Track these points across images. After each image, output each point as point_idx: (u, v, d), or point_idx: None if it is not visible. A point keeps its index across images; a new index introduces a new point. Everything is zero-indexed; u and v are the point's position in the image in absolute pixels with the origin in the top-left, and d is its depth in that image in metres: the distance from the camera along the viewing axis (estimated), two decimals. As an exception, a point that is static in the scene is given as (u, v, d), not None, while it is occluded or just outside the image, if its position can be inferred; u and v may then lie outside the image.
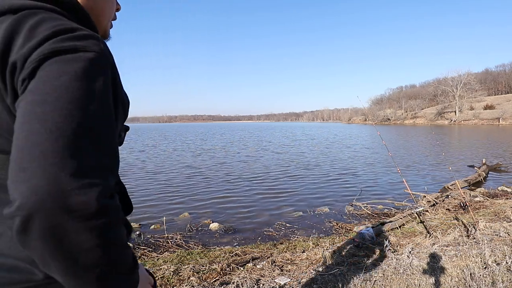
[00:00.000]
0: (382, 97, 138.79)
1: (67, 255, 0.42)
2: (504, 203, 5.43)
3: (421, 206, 5.18)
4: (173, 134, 42.60)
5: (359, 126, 72.23)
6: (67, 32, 0.50)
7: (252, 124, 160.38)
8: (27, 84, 0.47)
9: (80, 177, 0.43)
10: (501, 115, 63.59)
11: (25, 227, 0.41)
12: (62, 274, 0.44)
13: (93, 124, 0.47)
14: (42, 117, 0.43)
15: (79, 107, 0.45)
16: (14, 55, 0.48)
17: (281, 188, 7.95)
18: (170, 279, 2.86)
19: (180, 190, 7.83)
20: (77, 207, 0.41)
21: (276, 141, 26.18)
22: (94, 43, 0.51)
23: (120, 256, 0.48)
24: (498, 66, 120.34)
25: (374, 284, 2.59)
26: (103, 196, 0.44)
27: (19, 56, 0.48)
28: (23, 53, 0.48)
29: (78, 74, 0.47)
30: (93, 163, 0.45)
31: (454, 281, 2.55)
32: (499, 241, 3.39)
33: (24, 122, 0.44)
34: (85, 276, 0.45)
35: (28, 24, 0.50)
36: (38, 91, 0.45)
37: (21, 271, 0.54)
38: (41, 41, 0.48)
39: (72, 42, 0.49)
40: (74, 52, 0.48)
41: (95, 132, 0.47)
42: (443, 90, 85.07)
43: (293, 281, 2.75)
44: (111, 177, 0.49)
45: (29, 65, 0.47)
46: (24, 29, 0.50)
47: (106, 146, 0.49)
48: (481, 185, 7.91)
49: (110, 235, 0.45)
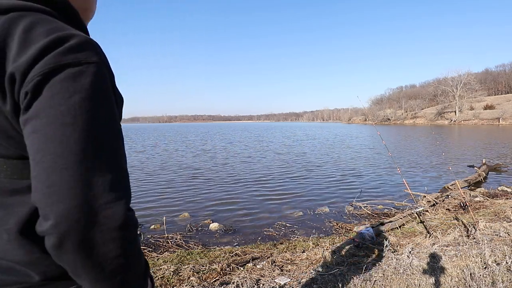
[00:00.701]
0: (382, 97, 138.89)
1: (96, 264, 0.48)
2: (504, 203, 5.44)
3: (421, 206, 5.18)
4: (173, 134, 42.60)
5: (359, 126, 72.23)
6: (64, 42, 0.50)
7: (252, 124, 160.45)
8: (31, 98, 0.48)
9: (107, 193, 0.48)
10: (501, 115, 63.59)
11: (60, 244, 0.46)
12: (91, 282, 0.49)
13: (111, 140, 0.51)
14: (65, 141, 0.47)
15: (96, 126, 0.49)
16: (10, 63, 0.48)
17: (281, 188, 7.95)
18: (170, 279, 2.86)
19: (180, 190, 7.83)
20: (105, 221, 0.47)
21: (277, 141, 26.18)
22: (93, 52, 0.52)
23: (138, 261, 0.53)
24: (498, 66, 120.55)
25: (374, 284, 2.59)
26: (127, 208, 0.50)
27: (18, 66, 0.48)
28: (22, 64, 0.48)
29: (88, 92, 0.49)
30: (116, 178, 0.50)
31: (454, 281, 2.55)
32: (499, 241, 3.39)
33: (47, 144, 0.47)
34: (110, 282, 0.50)
35: (20, 28, 0.50)
36: (53, 112, 0.47)
37: (17, 273, 0.54)
38: (40, 52, 0.48)
39: (73, 54, 0.49)
40: (78, 65, 0.49)
41: (114, 148, 0.52)
42: (443, 90, 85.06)
43: (293, 281, 2.75)
44: (129, 187, 0.54)
45: (32, 79, 0.47)
46: (17, 33, 0.49)
47: (124, 159, 0.54)
48: (481, 185, 7.91)
49: (132, 244, 0.51)
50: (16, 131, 0.52)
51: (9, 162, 0.55)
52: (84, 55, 0.51)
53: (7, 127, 0.52)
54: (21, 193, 0.55)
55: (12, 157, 0.54)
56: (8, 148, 0.54)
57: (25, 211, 0.54)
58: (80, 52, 0.51)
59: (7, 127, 0.52)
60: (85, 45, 0.52)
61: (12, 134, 0.53)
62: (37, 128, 0.48)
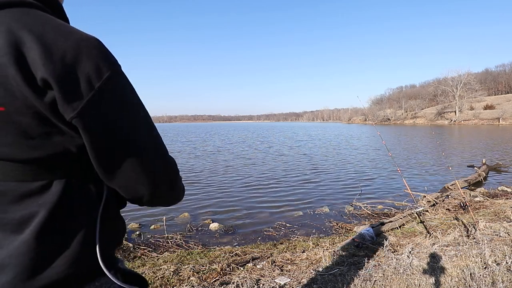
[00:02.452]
0: (382, 97, 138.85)
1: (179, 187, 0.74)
2: (504, 203, 5.43)
3: (421, 206, 5.18)
4: (173, 134, 42.59)
5: (359, 126, 72.23)
6: (98, 45, 0.55)
7: (253, 124, 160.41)
8: (93, 99, 0.53)
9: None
10: (501, 115, 63.59)
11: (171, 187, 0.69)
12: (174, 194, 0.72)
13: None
14: (145, 125, 0.61)
15: (146, 111, 0.64)
16: (39, 66, 0.49)
17: (281, 188, 7.95)
18: (170, 279, 2.86)
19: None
20: (177, 169, 0.71)
21: (277, 141, 26.18)
22: (112, 54, 0.58)
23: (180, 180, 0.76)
24: (498, 66, 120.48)
25: (374, 284, 2.59)
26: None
27: (56, 72, 0.50)
28: (59, 70, 0.50)
29: (130, 86, 0.61)
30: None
31: (454, 281, 2.55)
32: (499, 241, 3.39)
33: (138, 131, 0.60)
34: (178, 189, 0.74)
35: (32, 28, 0.50)
36: (126, 105, 0.58)
37: (23, 278, 0.54)
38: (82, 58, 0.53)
39: (109, 60, 0.56)
40: (116, 67, 0.57)
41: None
42: (443, 90, 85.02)
43: (293, 281, 2.75)
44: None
45: (87, 82, 0.52)
46: (32, 35, 0.50)
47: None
48: (481, 185, 7.91)
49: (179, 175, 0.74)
50: (51, 127, 0.53)
51: (19, 166, 0.54)
52: (112, 57, 0.60)
53: (34, 127, 0.52)
54: (33, 195, 0.55)
55: (25, 160, 0.54)
56: (23, 150, 0.53)
57: (42, 214, 0.54)
58: (109, 55, 0.60)
59: (34, 127, 0.52)
60: (103, 47, 0.59)
61: (36, 134, 0.53)
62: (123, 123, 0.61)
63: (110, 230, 0.64)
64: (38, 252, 0.54)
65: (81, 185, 0.60)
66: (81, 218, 0.59)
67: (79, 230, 0.58)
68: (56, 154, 0.56)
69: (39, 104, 0.51)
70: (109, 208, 0.64)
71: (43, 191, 0.55)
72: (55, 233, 0.56)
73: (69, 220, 0.57)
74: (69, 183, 0.58)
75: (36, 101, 0.50)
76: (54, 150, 0.55)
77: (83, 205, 0.59)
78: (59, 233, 0.56)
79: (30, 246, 0.53)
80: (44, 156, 0.54)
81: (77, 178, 0.59)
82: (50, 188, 0.56)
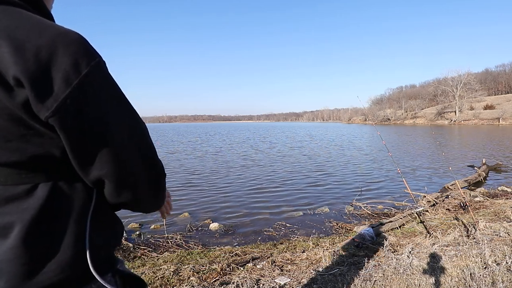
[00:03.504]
0: (382, 97, 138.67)
1: (163, 188, 0.71)
2: (504, 203, 5.43)
3: (421, 206, 5.18)
4: (173, 134, 42.58)
5: (359, 126, 72.20)
6: (76, 41, 0.53)
7: (253, 124, 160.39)
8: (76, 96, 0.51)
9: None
10: (501, 115, 63.54)
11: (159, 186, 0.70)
12: (158, 195, 0.71)
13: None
14: (127, 124, 0.60)
15: (129, 108, 0.63)
16: (10, 64, 0.47)
17: (281, 188, 7.95)
18: (170, 279, 2.86)
19: (180, 190, 7.83)
20: (162, 172, 0.70)
21: (278, 141, 26.17)
22: (93, 49, 0.56)
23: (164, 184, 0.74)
24: (498, 66, 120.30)
25: (374, 284, 2.59)
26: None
27: (29, 70, 0.47)
28: (32, 67, 0.48)
29: (113, 82, 0.59)
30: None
31: (454, 281, 2.55)
32: (499, 241, 3.39)
33: (118, 129, 0.58)
34: (163, 190, 0.71)
35: (3, 25, 0.49)
36: (111, 97, 0.57)
37: (14, 282, 0.53)
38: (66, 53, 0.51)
39: (89, 55, 0.53)
40: (96, 62, 0.55)
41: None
42: (443, 90, 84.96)
43: (293, 281, 2.75)
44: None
45: (64, 80, 0.50)
46: (2, 32, 0.48)
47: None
48: (481, 185, 7.91)
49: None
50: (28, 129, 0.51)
51: (3, 170, 0.53)
52: (94, 51, 0.60)
53: (10, 129, 0.51)
54: (18, 200, 0.53)
55: (4, 164, 0.53)
56: (1, 154, 0.52)
57: (26, 218, 0.53)
58: (91, 50, 0.59)
59: (10, 129, 0.51)
60: (88, 46, 0.58)
61: (12, 137, 0.51)
62: (111, 116, 0.60)
63: (104, 232, 0.62)
64: (27, 257, 0.52)
65: (69, 187, 0.58)
66: (70, 221, 0.57)
67: (70, 234, 0.56)
68: (37, 156, 0.53)
69: (11, 104, 0.49)
70: (101, 210, 0.62)
71: (28, 195, 0.54)
72: (43, 238, 0.54)
73: (58, 223, 0.55)
74: (56, 186, 0.56)
75: (8, 101, 0.48)
76: (34, 152, 0.53)
77: (72, 208, 0.57)
78: (47, 237, 0.54)
79: (18, 251, 0.52)
80: (24, 159, 0.53)
81: (64, 180, 0.57)
82: (35, 192, 0.54)
